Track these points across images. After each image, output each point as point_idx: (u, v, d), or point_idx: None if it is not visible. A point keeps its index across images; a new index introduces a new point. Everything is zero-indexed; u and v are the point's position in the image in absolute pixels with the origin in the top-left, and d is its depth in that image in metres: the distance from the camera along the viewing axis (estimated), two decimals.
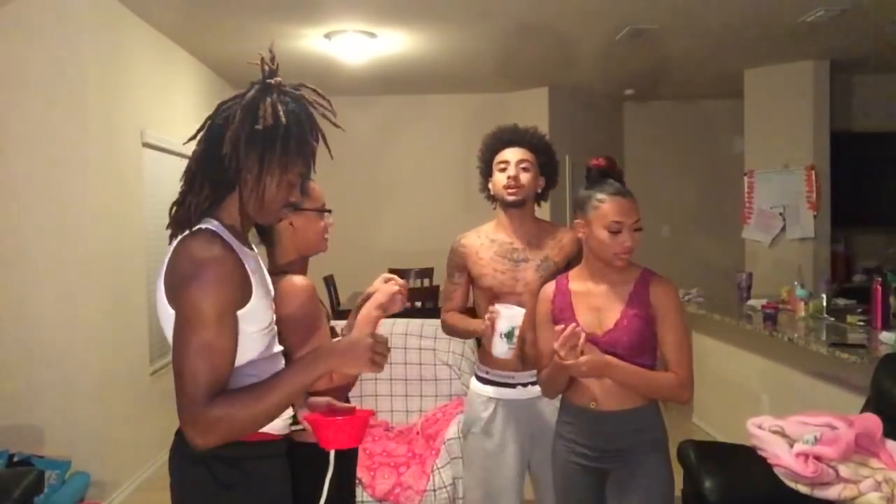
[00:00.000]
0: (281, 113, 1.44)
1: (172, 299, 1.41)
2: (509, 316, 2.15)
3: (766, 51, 5.56)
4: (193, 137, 1.51)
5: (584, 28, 4.85)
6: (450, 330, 2.53)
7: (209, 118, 1.51)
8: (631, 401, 2.02)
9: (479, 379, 2.48)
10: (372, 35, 4.87)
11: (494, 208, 2.48)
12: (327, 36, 4.86)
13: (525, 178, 2.34)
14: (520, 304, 2.28)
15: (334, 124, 1.54)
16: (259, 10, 4.33)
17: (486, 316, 2.19)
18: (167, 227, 1.50)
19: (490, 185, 2.41)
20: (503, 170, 2.35)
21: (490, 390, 2.44)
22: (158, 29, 4.63)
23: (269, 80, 1.49)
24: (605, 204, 1.99)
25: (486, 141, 2.43)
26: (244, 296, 1.43)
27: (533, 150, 2.37)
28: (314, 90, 1.56)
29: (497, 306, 2.19)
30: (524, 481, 2.50)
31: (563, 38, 5.12)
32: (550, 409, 2.35)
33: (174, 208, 1.49)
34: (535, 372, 2.32)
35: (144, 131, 4.40)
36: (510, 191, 2.33)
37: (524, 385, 2.39)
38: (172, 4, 4.23)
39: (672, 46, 5.32)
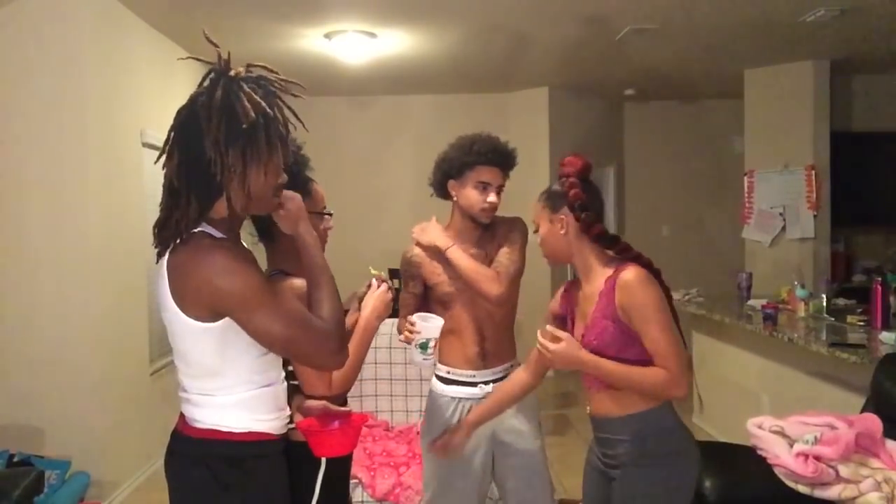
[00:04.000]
0: (263, 105, 1.44)
1: (190, 308, 1.41)
2: (424, 328, 2.17)
3: (766, 51, 5.56)
4: (162, 153, 1.48)
5: (584, 28, 4.84)
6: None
7: (172, 129, 1.48)
8: (621, 408, 1.96)
9: (440, 379, 2.45)
10: (372, 35, 4.87)
11: (441, 197, 2.47)
12: (327, 36, 4.86)
13: (498, 200, 2.37)
14: (474, 308, 2.34)
15: (298, 101, 1.54)
16: (259, 10, 4.33)
17: (405, 327, 2.21)
18: (154, 245, 1.48)
19: (455, 192, 2.38)
20: (483, 190, 2.33)
21: (451, 390, 2.41)
22: (158, 29, 4.63)
23: (230, 74, 1.46)
24: None
25: (469, 149, 2.35)
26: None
27: (506, 173, 2.39)
28: (265, 67, 1.53)
29: (414, 317, 2.21)
30: (488, 486, 2.47)
31: (563, 39, 5.12)
32: (510, 412, 2.34)
33: (159, 228, 1.47)
34: (496, 369, 2.39)
35: (144, 131, 4.40)
36: (488, 214, 2.35)
37: (485, 383, 2.38)
38: (173, 4, 4.23)
39: (672, 46, 5.32)
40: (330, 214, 1.98)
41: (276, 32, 4.79)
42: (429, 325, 2.18)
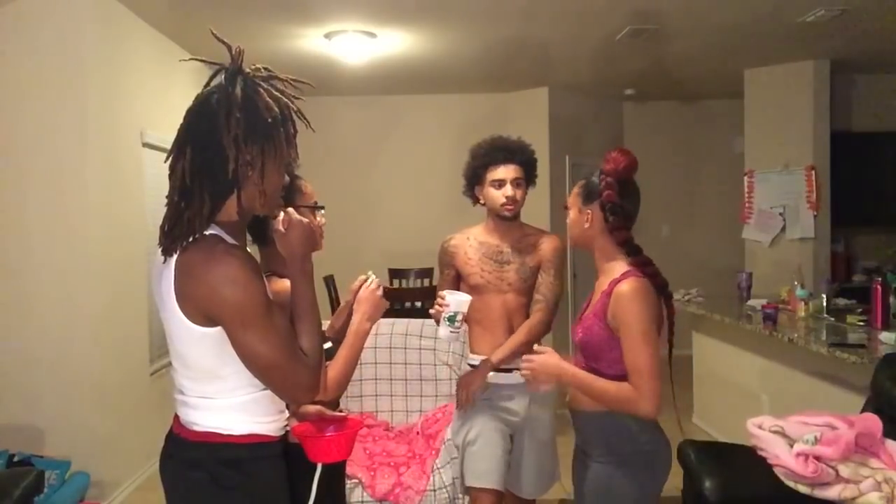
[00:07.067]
0: (285, 100, 1.46)
1: (190, 311, 1.41)
2: (453, 301, 2.30)
3: (766, 51, 5.56)
4: (172, 152, 1.46)
5: (584, 28, 4.84)
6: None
7: (184, 127, 1.47)
8: (589, 402, 1.98)
9: (473, 367, 2.61)
10: (372, 35, 4.87)
11: (475, 205, 2.65)
12: (327, 36, 4.86)
13: (519, 194, 2.53)
14: (504, 302, 2.53)
15: (300, 109, 1.55)
16: (259, 10, 4.33)
17: (436, 301, 2.36)
18: (160, 245, 1.47)
19: (481, 196, 2.57)
20: (499, 187, 2.51)
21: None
22: (158, 28, 4.63)
23: (246, 71, 1.47)
24: None
25: (478, 153, 2.55)
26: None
27: (522, 166, 2.54)
28: (265, 68, 1.53)
29: (444, 292, 2.35)
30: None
31: (563, 39, 5.12)
32: (523, 402, 2.57)
33: (168, 226, 1.45)
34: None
35: (144, 131, 4.40)
36: (508, 208, 2.51)
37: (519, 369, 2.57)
38: (173, 4, 4.23)
39: (672, 46, 5.32)
40: (321, 208, 1.97)
41: (276, 32, 4.78)
42: (457, 298, 2.31)
